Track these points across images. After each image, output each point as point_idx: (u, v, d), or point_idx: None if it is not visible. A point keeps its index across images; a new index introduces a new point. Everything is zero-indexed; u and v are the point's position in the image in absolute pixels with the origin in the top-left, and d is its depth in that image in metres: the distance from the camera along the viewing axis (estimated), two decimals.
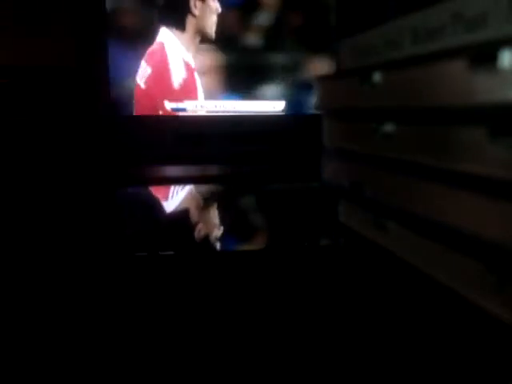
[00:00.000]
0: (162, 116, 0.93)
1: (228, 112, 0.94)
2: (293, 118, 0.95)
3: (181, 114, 0.93)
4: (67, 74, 0.88)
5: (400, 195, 0.25)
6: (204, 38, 0.91)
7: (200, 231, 0.43)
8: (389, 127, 0.26)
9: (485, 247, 0.19)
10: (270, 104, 0.95)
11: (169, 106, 0.92)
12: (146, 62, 0.90)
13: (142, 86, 0.90)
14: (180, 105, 0.92)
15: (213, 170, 0.83)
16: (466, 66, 0.19)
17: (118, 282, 0.28)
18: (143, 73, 0.90)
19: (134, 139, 0.90)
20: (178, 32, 0.90)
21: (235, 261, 0.32)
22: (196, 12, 0.90)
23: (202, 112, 0.93)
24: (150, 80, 0.90)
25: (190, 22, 0.90)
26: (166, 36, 0.90)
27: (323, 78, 0.33)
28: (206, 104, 0.93)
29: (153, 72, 0.90)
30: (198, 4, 0.90)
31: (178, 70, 0.91)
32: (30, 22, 0.88)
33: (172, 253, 0.35)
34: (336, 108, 0.32)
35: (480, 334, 0.20)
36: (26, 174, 0.73)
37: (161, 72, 0.91)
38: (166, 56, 0.90)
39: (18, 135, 0.83)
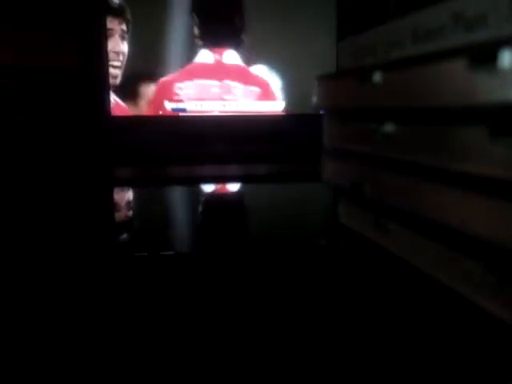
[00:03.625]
0: (161, 116, 0.93)
1: (228, 112, 0.94)
2: (293, 118, 0.96)
3: (181, 114, 0.93)
4: (67, 74, 0.88)
5: (400, 195, 0.25)
6: None
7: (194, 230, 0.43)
8: (389, 127, 0.26)
9: (485, 247, 0.19)
10: (270, 104, 0.95)
11: (169, 106, 0.92)
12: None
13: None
14: (180, 105, 0.92)
15: (208, 170, 0.83)
16: (466, 65, 0.19)
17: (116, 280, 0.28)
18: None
19: (133, 139, 0.90)
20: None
21: (230, 260, 0.32)
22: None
23: (201, 112, 0.93)
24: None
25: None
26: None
27: (323, 78, 0.33)
28: (205, 104, 0.93)
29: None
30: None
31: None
32: (30, 21, 0.88)
33: (172, 252, 0.35)
34: (336, 108, 0.32)
35: (480, 334, 0.20)
36: (25, 173, 0.73)
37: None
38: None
39: (18, 135, 0.83)
